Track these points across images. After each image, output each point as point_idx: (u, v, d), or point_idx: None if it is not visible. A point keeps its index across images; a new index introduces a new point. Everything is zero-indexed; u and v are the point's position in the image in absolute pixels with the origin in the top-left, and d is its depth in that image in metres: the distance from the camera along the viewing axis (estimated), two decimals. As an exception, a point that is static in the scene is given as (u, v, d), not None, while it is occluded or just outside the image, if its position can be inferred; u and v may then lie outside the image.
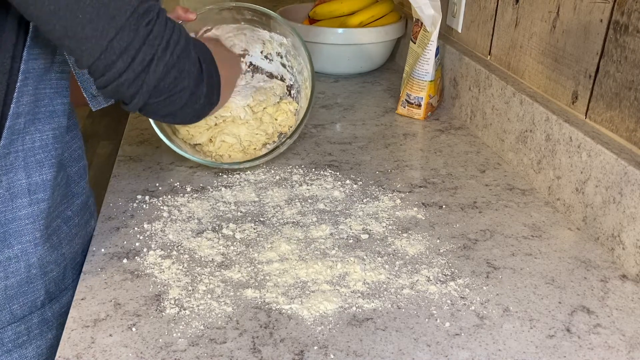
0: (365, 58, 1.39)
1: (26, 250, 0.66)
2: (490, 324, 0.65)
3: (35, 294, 0.69)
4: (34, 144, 0.65)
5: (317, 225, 0.82)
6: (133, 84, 0.60)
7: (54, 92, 0.66)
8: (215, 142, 0.97)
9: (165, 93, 0.63)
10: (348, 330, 0.64)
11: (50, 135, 0.66)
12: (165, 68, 0.61)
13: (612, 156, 0.75)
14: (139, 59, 0.58)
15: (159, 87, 0.61)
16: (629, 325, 0.65)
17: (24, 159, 0.64)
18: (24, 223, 0.66)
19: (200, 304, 0.67)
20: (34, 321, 0.70)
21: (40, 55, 0.62)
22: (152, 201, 0.87)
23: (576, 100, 0.87)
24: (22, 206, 0.65)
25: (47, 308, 0.71)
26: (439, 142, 1.08)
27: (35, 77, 0.62)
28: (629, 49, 0.75)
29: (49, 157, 0.67)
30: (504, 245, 0.79)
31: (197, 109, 0.68)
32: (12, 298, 0.67)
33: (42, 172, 0.66)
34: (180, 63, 0.62)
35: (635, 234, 0.72)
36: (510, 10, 1.02)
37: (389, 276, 0.72)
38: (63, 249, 0.72)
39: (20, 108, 0.62)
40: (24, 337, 0.70)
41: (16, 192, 0.64)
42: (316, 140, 1.08)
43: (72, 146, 0.73)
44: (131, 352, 0.60)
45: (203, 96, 0.67)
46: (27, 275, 0.67)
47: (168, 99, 0.64)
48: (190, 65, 0.64)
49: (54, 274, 0.71)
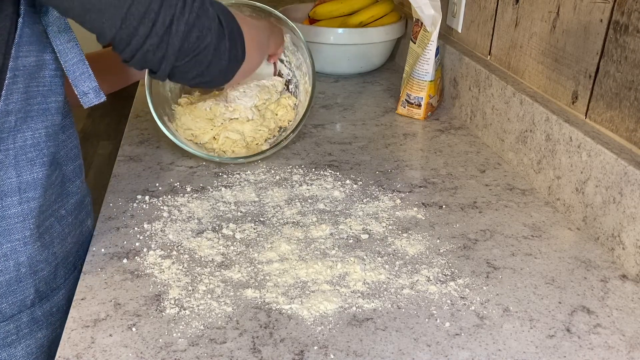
0: (365, 58, 1.39)
1: (15, 248, 0.66)
2: (490, 324, 0.65)
3: (24, 292, 0.69)
4: (25, 142, 0.64)
5: (317, 225, 0.82)
6: (158, 48, 0.62)
7: (47, 89, 0.65)
8: (220, 139, 0.98)
9: (190, 53, 0.64)
10: (348, 330, 0.64)
11: (43, 134, 0.66)
12: (187, 27, 0.62)
13: (612, 156, 0.75)
14: (160, 22, 0.60)
15: (183, 47, 0.63)
16: (629, 325, 0.65)
17: (15, 157, 0.64)
18: (13, 222, 0.65)
19: (200, 304, 0.67)
20: (23, 320, 0.70)
21: (30, 53, 0.62)
22: (152, 201, 0.87)
23: (576, 100, 0.87)
24: (11, 205, 0.65)
25: (37, 307, 0.71)
26: (439, 142, 1.08)
27: (25, 75, 0.62)
28: (629, 49, 0.75)
29: (41, 155, 0.66)
30: (504, 245, 0.79)
31: (223, 66, 0.70)
32: (0, 297, 0.66)
33: (33, 171, 0.66)
34: (200, 20, 0.63)
35: (635, 234, 0.72)
36: (510, 10, 1.02)
37: (389, 276, 0.72)
38: (55, 247, 0.72)
39: (10, 106, 0.61)
40: (12, 336, 0.69)
41: (6, 190, 0.64)
42: (316, 140, 1.08)
43: (68, 145, 0.73)
44: (131, 352, 0.60)
45: (226, 51, 0.69)
46: (17, 274, 0.67)
47: (194, 58, 0.65)
48: (210, 21, 0.65)
49: (45, 273, 0.71)
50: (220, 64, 0.69)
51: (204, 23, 0.64)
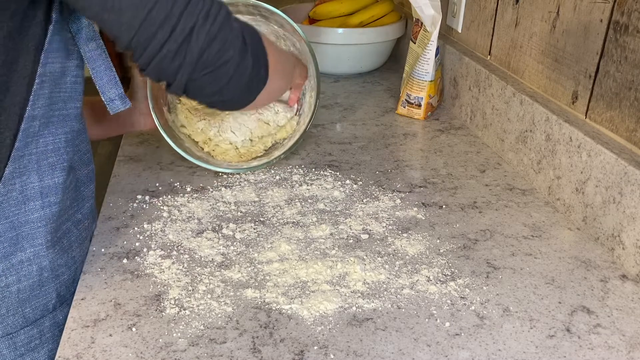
0: (365, 58, 1.39)
1: (38, 253, 0.66)
2: (490, 324, 0.65)
3: (47, 297, 0.69)
4: (46, 147, 0.65)
5: (317, 225, 0.82)
6: (176, 56, 0.59)
7: (68, 95, 0.66)
8: (211, 144, 0.97)
9: (209, 66, 0.61)
10: (348, 330, 0.64)
11: (63, 139, 0.66)
12: (207, 37, 0.59)
13: (612, 156, 0.75)
14: (179, 28, 0.57)
15: (202, 58, 0.60)
16: (629, 325, 0.65)
17: (37, 162, 0.64)
18: (36, 226, 0.65)
19: (200, 304, 0.67)
20: (46, 324, 0.70)
21: (56, 59, 0.62)
22: (152, 201, 0.87)
23: (576, 100, 0.87)
24: (34, 209, 0.65)
25: (59, 311, 0.71)
26: (439, 142, 1.08)
27: (51, 81, 0.62)
28: (629, 49, 0.75)
29: (60, 160, 0.67)
30: (504, 245, 0.79)
31: (245, 84, 0.66)
32: (24, 301, 0.67)
33: (54, 176, 0.66)
34: (222, 33, 0.61)
35: (635, 234, 0.72)
36: (510, 10, 1.02)
37: (389, 276, 0.72)
38: (74, 252, 0.72)
39: (36, 111, 0.62)
40: (36, 341, 0.69)
41: (29, 195, 0.64)
42: (316, 140, 1.08)
43: (82, 150, 0.73)
44: (131, 352, 0.60)
45: (250, 67, 0.65)
46: (39, 279, 0.67)
47: (213, 72, 0.62)
48: (233, 36, 0.62)
49: (65, 277, 0.71)
50: (241, 82, 0.65)
51: (226, 36, 0.61)
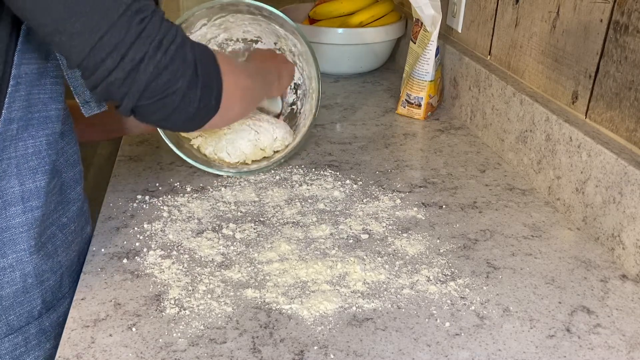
0: (365, 58, 1.39)
1: (21, 259, 0.65)
2: (490, 324, 0.65)
3: (31, 303, 0.68)
4: (27, 151, 0.64)
5: (317, 225, 0.82)
6: (123, 83, 0.58)
7: (49, 97, 0.65)
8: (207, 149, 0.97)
9: (156, 95, 0.60)
10: (348, 330, 0.64)
11: (44, 142, 0.65)
12: (157, 69, 0.59)
13: (612, 156, 0.75)
14: (129, 57, 0.57)
15: (149, 87, 0.59)
16: (629, 325, 0.65)
17: (17, 166, 0.63)
18: (18, 231, 0.64)
19: (200, 304, 0.67)
20: (31, 332, 0.69)
21: (32, 60, 0.61)
22: (152, 201, 0.87)
23: (576, 100, 0.87)
24: (15, 214, 0.64)
25: (45, 318, 0.70)
26: (439, 142, 1.08)
27: (27, 83, 0.61)
28: (629, 49, 0.75)
29: (42, 163, 0.65)
30: (504, 245, 0.79)
31: (190, 113, 0.65)
32: (8, 309, 0.66)
33: (36, 179, 0.65)
34: (173, 64, 0.60)
35: (635, 234, 0.72)
36: (510, 10, 1.02)
37: (389, 276, 0.72)
38: (59, 256, 0.71)
39: (13, 114, 0.60)
40: (21, 349, 0.68)
41: (9, 200, 0.63)
42: (316, 140, 1.08)
43: (68, 152, 0.71)
44: (131, 352, 0.60)
45: (197, 100, 0.64)
46: (23, 285, 0.66)
47: (160, 101, 0.61)
48: (184, 67, 0.61)
49: (51, 282, 0.70)
50: (187, 112, 0.64)
51: (177, 67, 0.60)
